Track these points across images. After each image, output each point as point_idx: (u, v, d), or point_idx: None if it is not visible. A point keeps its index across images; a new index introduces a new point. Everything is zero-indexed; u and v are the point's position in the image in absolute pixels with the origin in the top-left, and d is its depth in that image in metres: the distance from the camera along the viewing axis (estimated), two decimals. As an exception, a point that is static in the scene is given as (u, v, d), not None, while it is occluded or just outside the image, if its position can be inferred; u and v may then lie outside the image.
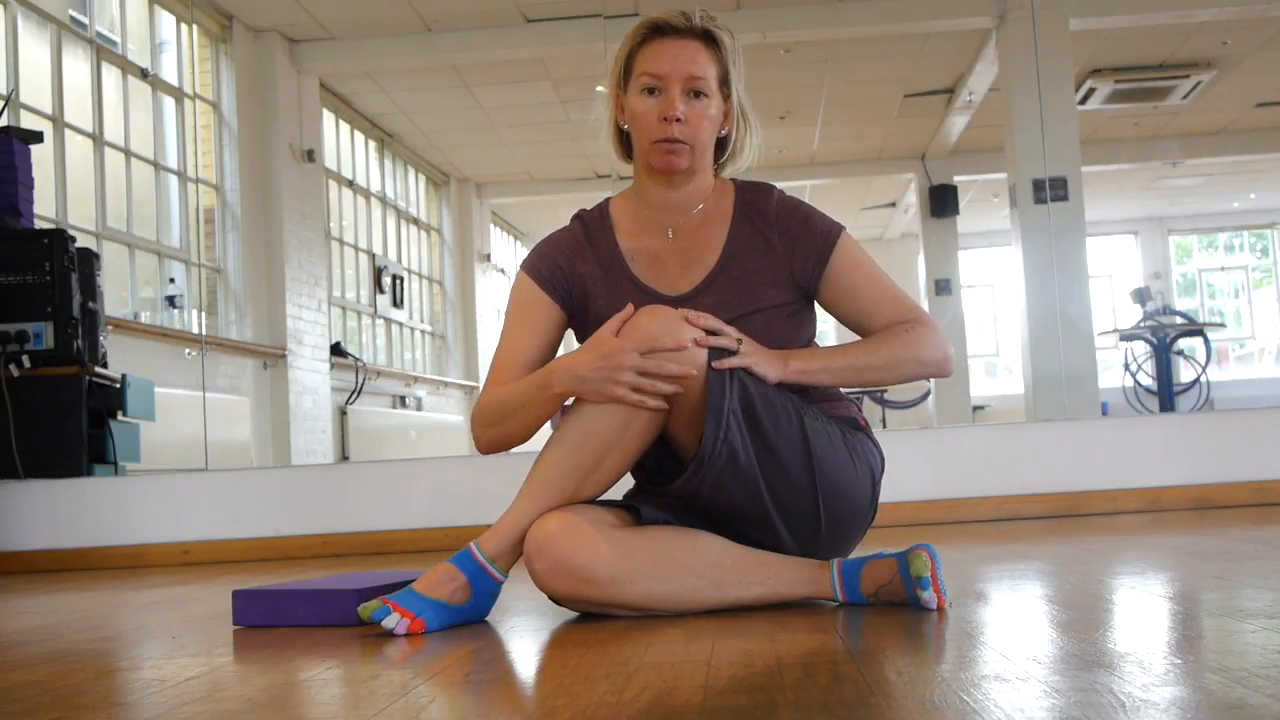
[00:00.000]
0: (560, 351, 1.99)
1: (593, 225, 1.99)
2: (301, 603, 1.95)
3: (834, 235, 1.92)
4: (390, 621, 1.75)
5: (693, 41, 1.89)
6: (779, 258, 1.91)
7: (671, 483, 1.82)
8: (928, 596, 1.73)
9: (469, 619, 1.83)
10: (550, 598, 1.82)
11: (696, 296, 1.90)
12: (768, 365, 1.79)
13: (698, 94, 1.88)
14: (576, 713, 1.19)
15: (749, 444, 1.75)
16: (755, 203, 1.95)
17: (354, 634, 1.83)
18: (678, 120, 1.86)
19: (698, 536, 1.81)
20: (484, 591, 1.82)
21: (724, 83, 1.91)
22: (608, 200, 2.03)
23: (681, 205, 1.95)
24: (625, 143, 2.00)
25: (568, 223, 2.04)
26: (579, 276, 1.96)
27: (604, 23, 6.41)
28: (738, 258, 1.91)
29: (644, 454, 1.84)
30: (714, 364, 1.74)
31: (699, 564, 1.79)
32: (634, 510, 1.85)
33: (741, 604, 1.82)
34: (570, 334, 2.04)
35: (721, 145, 1.97)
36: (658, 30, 1.90)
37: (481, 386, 2.40)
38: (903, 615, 1.72)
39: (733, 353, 1.77)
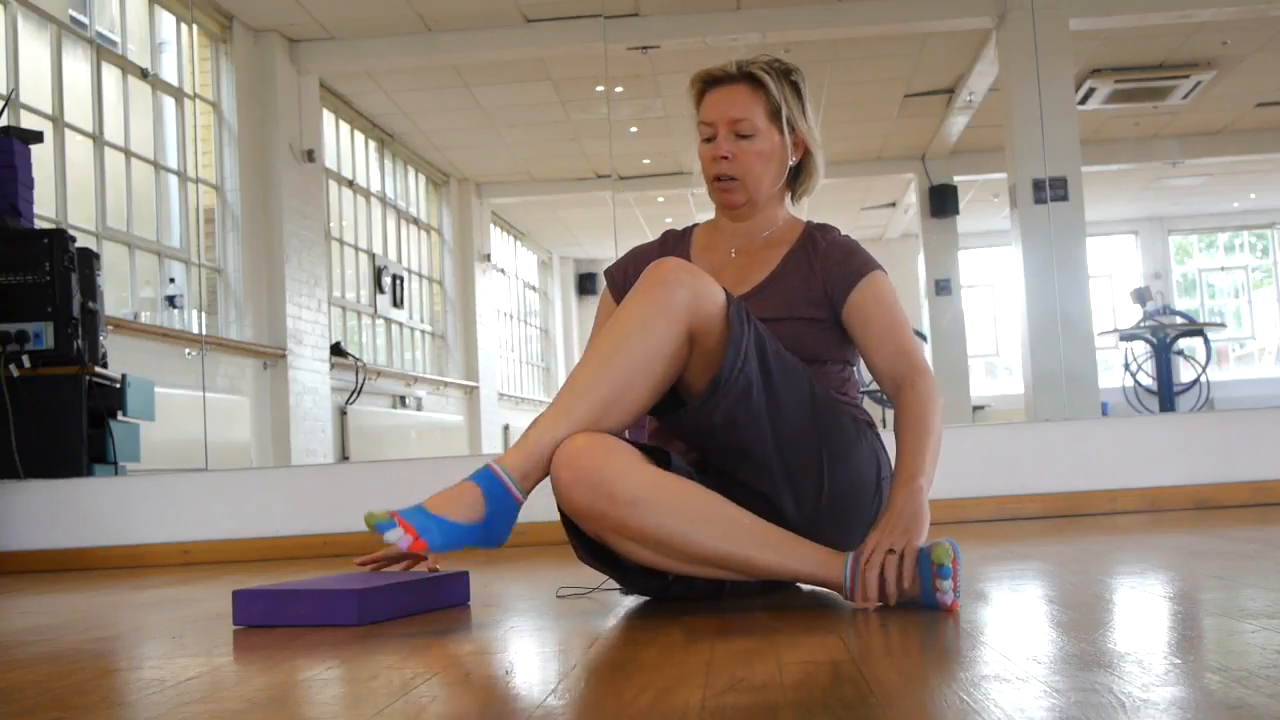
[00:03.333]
0: None
1: (671, 240, 2.22)
2: (302, 602, 1.95)
3: (868, 268, 2.07)
4: (394, 535, 1.71)
5: (735, 86, 2.07)
6: (817, 280, 2.06)
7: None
8: (945, 586, 1.71)
9: (481, 543, 1.77)
10: (568, 514, 1.82)
11: (744, 301, 2.02)
12: (919, 524, 1.80)
13: (743, 135, 2.05)
14: (576, 713, 1.19)
15: (760, 383, 1.83)
16: (815, 237, 2.13)
17: (354, 634, 1.83)
18: (724, 159, 2.05)
19: (718, 497, 1.83)
20: (501, 512, 1.77)
21: (775, 116, 2.07)
22: (696, 224, 2.25)
23: (750, 233, 2.15)
24: None
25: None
26: None
27: (604, 23, 6.41)
28: (785, 276, 2.08)
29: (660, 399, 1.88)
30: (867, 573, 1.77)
31: (717, 515, 1.81)
32: (663, 456, 1.86)
33: (749, 567, 1.82)
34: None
35: (794, 177, 2.16)
36: (706, 83, 2.11)
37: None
38: (903, 615, 1.72)
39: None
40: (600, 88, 7.46)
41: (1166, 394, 8.58)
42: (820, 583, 1.84)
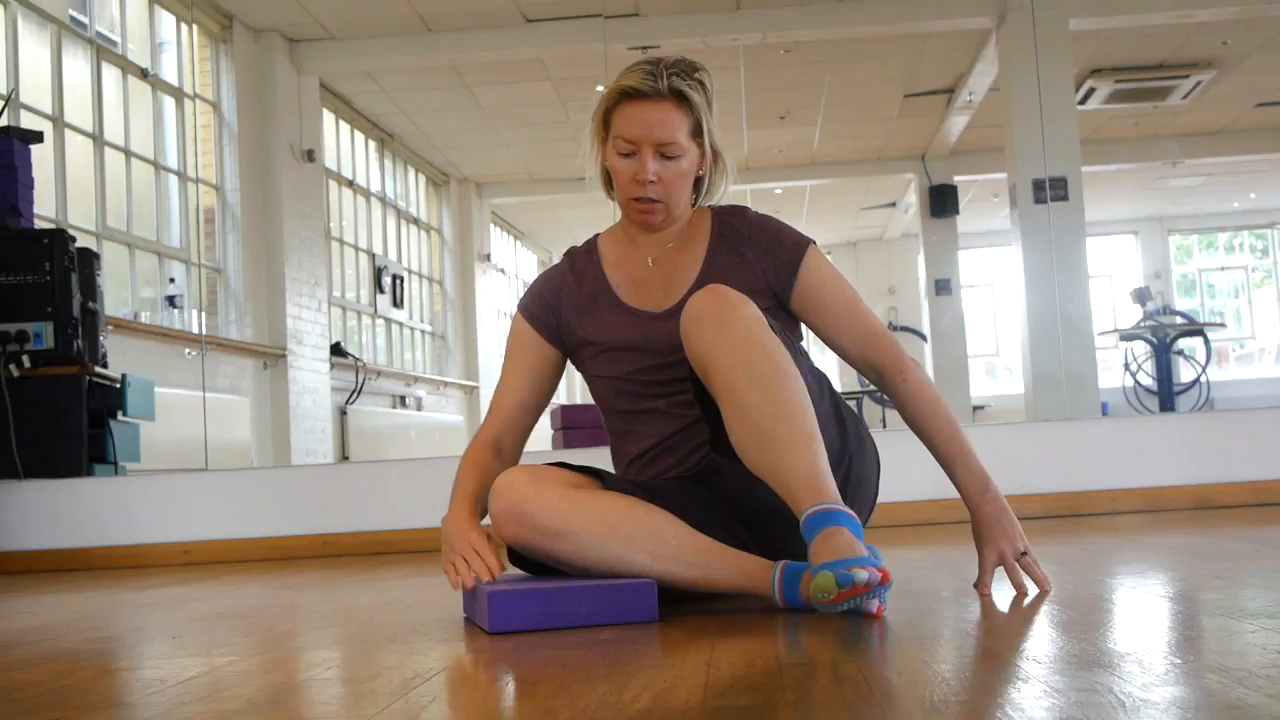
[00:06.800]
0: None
1: (580, 260, 2.12)
2: (587, 600, 1.77)
3: (802, 247, 2.01)
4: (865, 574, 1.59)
5: (662, 104, 1.94)
6: (753, 268, 2.00)
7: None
8: (872, 605, 1.66)
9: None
10: (505, 543, 1.87)
11: (678, 311, 1.94)
12: (1017, 526, 1.93)
13: (669, 156, 1.95)
14: (576, 713, 1.19)
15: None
16: (730, 223, 2.05)
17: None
18: (650, 182, 1.95)
19: (650, 511, 1.83)
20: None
21: (696, 132, 1.97)
22: (597, 236, 2.16)
23: (661, 240, 2.07)
24: (611, 182, 2.07)
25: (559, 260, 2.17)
26: (563, 309, 2.08)
27: (604, 23, 6.41)
28: (715, 274, 1.99)
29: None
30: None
31: (642, 535, 1.81)
32: (601, 477, 1.90)
33: (674, 581, 1.81)
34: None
35: (698, 183, 2.06)
36: (627, 96, 1.96)
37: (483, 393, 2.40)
38: (902, 615, 1.72)
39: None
40: (600, 88, 7.43)
41: (1166, 394, 8.59)
42: (748, 593, 1.81)
